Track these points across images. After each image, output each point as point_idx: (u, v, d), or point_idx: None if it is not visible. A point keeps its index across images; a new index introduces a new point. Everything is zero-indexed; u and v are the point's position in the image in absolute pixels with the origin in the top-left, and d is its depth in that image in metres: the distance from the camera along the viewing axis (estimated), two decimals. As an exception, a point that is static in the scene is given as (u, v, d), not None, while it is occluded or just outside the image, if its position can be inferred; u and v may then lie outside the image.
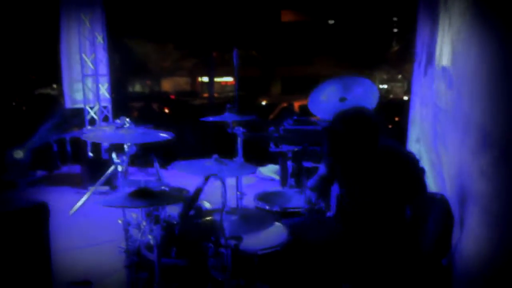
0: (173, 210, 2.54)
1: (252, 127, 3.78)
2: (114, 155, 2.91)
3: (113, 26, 7.57)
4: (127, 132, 2.86)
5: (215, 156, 2.87)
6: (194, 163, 2.81)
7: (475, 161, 2.52)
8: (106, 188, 6.35)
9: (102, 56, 7.81)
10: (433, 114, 3.64)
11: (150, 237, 2.29)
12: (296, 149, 3.89)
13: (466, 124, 2.72)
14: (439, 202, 3.26)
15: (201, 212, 2.64)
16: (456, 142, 2.96)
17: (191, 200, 2.04)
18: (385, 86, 17.89)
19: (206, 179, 2.17)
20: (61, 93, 8.22)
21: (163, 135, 2.75)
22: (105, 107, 8.02)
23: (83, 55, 7.58)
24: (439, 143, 3.41)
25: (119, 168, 2.80)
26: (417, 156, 2.52)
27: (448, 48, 3.43)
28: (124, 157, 2.80)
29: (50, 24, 7.34)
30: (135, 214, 2.78)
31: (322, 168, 2.70)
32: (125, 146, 2.88)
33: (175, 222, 2.49)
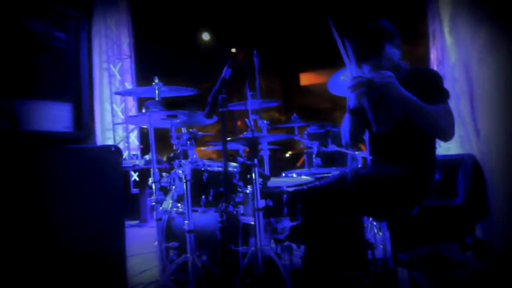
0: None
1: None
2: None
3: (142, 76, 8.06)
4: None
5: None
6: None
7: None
8: (136, 222, 6.40)
9: (132, 105, 8.24)
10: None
11: (180, 172, 2.34)
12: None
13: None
14: (467, 160, 3.23)
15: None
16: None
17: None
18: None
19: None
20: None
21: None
22: (134, 155, 8.28)
23: (114, 105, 8.03)
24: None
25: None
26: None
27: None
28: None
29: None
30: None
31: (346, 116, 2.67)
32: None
33: (202, 169, 2.55)
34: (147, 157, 7.12)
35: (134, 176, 7.43)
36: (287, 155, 14.33)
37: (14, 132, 1.06)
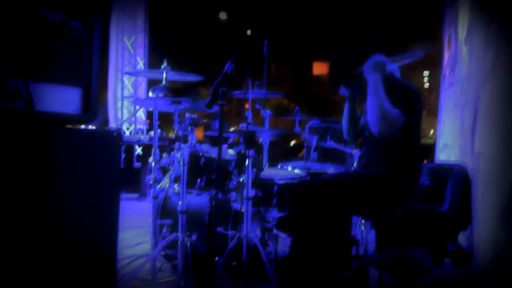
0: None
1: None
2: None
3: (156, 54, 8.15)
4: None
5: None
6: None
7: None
8: (136, 195, 6.58)
9: (142, 80, 8.35)
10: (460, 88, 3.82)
11: (178, 155, 2.46)
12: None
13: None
14: (458, 170, 3.32)
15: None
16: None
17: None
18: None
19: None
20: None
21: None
22: (140, 129, 8.42)
23: (124, 78, 8.13)
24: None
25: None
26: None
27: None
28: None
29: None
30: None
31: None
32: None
33: (200, 154, 2.67)
34: (152, 133, 7.29)
35: (138, 150, 7.60)
36: (291, 143, 14.40)
37: (29, 112, 1.18)
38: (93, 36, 1.34)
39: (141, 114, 8.44)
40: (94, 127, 2.38)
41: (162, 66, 2.82)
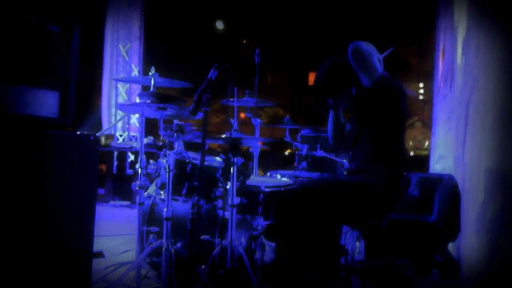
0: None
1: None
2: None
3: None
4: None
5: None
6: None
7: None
8: (127, 202, 6.55)
9: (136, 87, 8.35)
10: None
11: (164, 161, 2.45)
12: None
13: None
14: (447, 179, 3.32)
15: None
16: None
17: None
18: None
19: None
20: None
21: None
22: (133, 136, 8.39)
23: (119, 85, 8.13)
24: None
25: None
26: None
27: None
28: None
29: (94, 51, 7.93)
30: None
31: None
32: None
33: (187, 161, 2.66)
34: (145, 140, 7.26)
35: (131, 157, 7.57)
36: (286, 153, 14.37)
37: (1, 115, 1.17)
38: (72, 40, 1.34)
39: (134, 121, 8.42)
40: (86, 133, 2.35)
41: (150, 73, 2.82)
